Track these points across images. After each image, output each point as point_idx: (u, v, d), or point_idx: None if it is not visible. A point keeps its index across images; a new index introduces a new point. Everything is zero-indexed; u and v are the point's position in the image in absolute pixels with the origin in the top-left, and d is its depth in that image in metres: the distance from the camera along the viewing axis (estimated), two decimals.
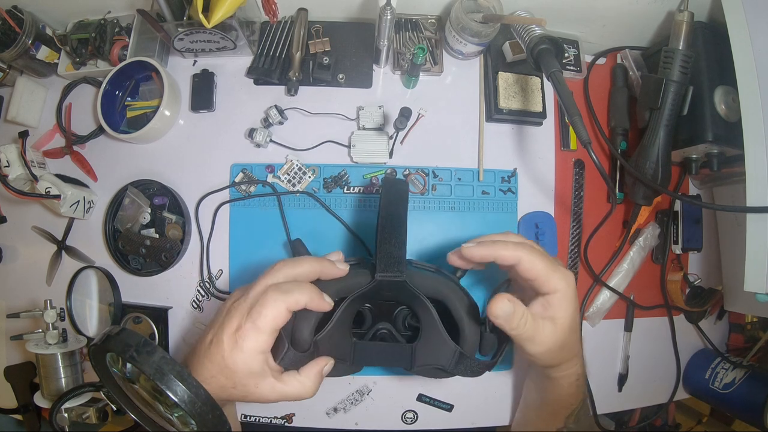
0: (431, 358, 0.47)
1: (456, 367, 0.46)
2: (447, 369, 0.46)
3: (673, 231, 0.72)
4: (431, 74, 0.70)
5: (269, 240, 0.66)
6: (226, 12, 0.57)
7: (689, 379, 0.73)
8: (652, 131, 0.62)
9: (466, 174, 0.68)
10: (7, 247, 0.71)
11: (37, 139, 0.71)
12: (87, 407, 0.60)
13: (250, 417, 0.65)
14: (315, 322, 0.43)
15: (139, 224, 0.67)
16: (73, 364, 0.63)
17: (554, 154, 0.70)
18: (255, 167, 0.67)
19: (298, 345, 0.43)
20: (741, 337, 0.76)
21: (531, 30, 0.56)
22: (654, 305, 0.72)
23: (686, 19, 0.59)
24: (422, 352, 0.48)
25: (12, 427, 0.72)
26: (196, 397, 0.35)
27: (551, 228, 0.68)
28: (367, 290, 0.45)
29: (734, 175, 0.68)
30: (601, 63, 0.74)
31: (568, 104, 0.50)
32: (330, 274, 0.44)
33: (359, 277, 0.46)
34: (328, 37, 0.68)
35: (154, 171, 0.68)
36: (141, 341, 0.36)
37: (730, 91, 0.59)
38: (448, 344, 0.45)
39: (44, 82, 0.73)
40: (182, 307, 0.67)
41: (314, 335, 0.43)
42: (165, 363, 0.35)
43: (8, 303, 0.70)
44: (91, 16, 0.70)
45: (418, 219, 0.67)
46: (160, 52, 0.68)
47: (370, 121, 0.67)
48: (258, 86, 0.69)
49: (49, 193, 0.62)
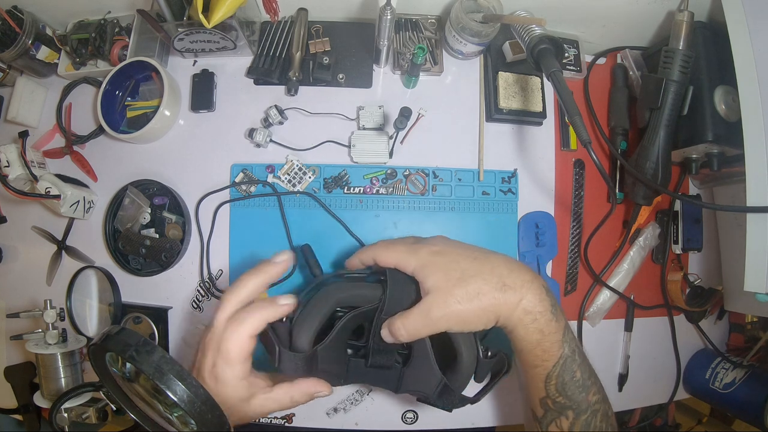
0: (417, 384, 0.47)
1: (438, 399, 0.46)
2: (429, 398, 0.46)
3: (673, 231, 0.72)
4: (431, 74, 0.70)
5: (269, 240, 0.66)
6: (226, 12, 0.57)
7: (689, 379, 0.73)
8: (652, 131, 0.62)
9: (467, 174, 0.68)
10: (7, 247, 0.71)
11: (37, 139, 0.71)
12: (87, 407, 0.60)
13: None
14: (314, 330, 0.44)
15: (139, 224, 0.67)
16: (72, 364, 0.63)
17: (554, 154, 0.70)
18: (255, 167, 0.67)
19: (297, 350, 0.43)
20: (741, 337, 0.76)
21: (531, 30, 0.56)
22: (654, 305, 0.72)
23: (686, 19, 0.59)
24: (410, 377, 0.47)
25: (12, 427, 0.72)
26: (195, 396, 0.35)
27: (551, 228, 0.68)
28: (370, 309, 0.45)
29: (734, 175, 0.68)
30: (601, 63, 0.74)
31: (568, 104, 0.50)
32: (276, 275, 0.46)
33: (369, 290, 0.46)
34: (328, 37, 0.69)
35: (154, 171, 0.68)
36: (141, 341, 0.36)
37: (730, 91, 0.59)
38: (435, 374, 0.45)
39: (44, 82, 0.73)
40: (182, 307, 0.67)
41: (314, 344, 0.44)
42: (164, 362, 0.35)
43: (8, 303, 0.70)
44: (91, 16, 0.70)
45: (419, 220, 0.67)
46: (160, 52, 0.68)
47: (370, 121, 0.67)
48: (258, 86, 0.69)
49: (49, 193, 0.62)
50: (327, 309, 0.45)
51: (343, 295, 0.46)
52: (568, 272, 0.70)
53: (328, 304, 0.45)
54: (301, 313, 0.45)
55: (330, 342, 0.44)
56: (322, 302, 0.46)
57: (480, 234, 0.67)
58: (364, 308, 0.45)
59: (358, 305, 0.46)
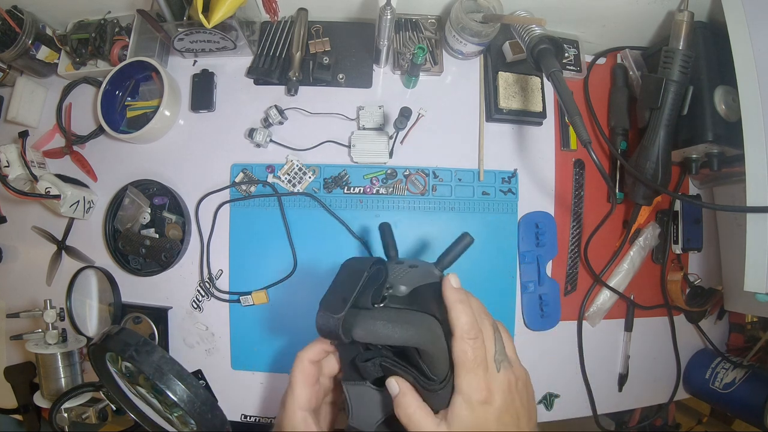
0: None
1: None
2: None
3: (673, 231, 0.72)
4: (431, 74, 0.70)
5: (269, 240, 0.66)
6: (226, 12, 0.57)
7: (689, 379, 0.73)
8: (652, 131, 0.62)
9: (467, 174, 0.68)
10: (7, 247, 0.71)
11: (37, 139, 0.71)
12: (87, 407, 0.60)
13: (250, 417, 0.65)
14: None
15: (139, 224, 0.67)
16: (72, 364, 0.63)
17: (554, 153, 0.70)
18: (255, 167, 0.67)
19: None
20: (741, 337, 0.76)
21: (531, 30, 0.56)
22: (654, 305, 0.72)
23: (686, 19, 0.59)
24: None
25: (12, 427, 0.72)
26: (195, 396, 0.35)
27: (551, 228, 0.68)
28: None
29: (734, 175, 0.68)
30: (601, 63, 0.74)
31: (568, 104, 0.50)
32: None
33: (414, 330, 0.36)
34: (328, 37, 0.69)
35: (154, 171, 0.68)
36: (140, 341, 0.36)
37: (730, 91, 0.59)
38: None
39: (44, 82, 0.73)
40: (182, 307, 0.67)
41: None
42: (164, 362, 0.35)
43: (8, 303, 0.70)
44: (91, 16, 0.70)
45: (418, 220, 0.67)
46: (160, 52, 0.68)
47: (370, 121, 0.67)
48: (258, 86, 0.69)
49: (49, 193, 0.62)
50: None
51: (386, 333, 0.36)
52: (568, 272, 0.70)
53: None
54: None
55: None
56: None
57: (480, 234, 0.67)
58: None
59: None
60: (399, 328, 0.35)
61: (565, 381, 0.70)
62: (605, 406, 0.70)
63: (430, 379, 0.36)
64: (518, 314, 0.68)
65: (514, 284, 0.68)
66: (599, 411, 0.70)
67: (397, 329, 0.35)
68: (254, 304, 0.65)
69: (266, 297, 0.65)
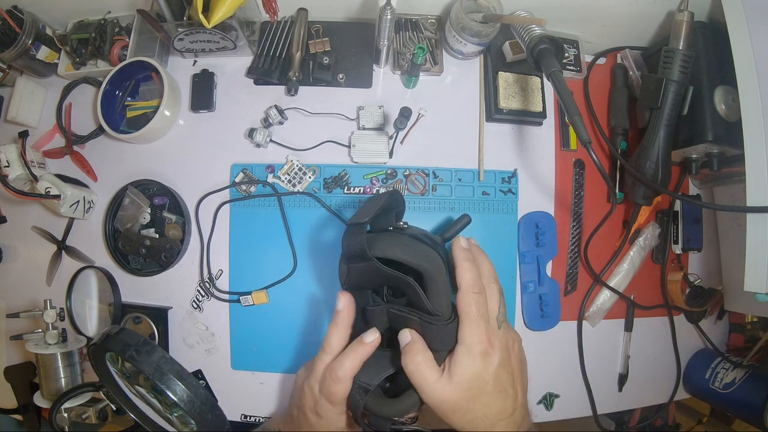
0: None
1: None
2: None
3: (673, 231, 0.72)
4: (431, 74, 0.70)
5: (269, 240, 0.66)
6: (226, 12, 0.57)
7: (689, 379, 0.73)
8: (652, 131, 0.62)
9: (467, 174, 0.68)
10: (7, 247, 0.71)
11: (37, 139, 0.71)
12: (87, 407, 0.60)
13: (250, 417, 0.65)
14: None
15: (139, 224, 0.67)
16: (72, 364, 0.63)
17: (554, 154, 0.70)
18: (255, 167, 0.67)
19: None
20: (741, 336, 0.76)
21: (531, 30, 0.56)
22: (654, 305, 0.72)
23: (686, 19, 0.59)
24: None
25: (12, 427, 0.72)
26: (195, 396, 0.35)
27: (551, 228, 0.68)
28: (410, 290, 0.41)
29: (734, 175, 0.68)
30: (601, 63, 0.74)
31: (568, 104, 0.50)
32: (367, 354, 0.44)
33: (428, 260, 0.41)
34: (328, 37, 0.69)
35: (154, 171, 0.68)
36: (141, 341, 0.36)
37: (730, 91, 0.59)
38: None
39: (44, 82, 0.73)
40: (182, 307, 0.66)
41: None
42: (164, 362, 0.35)
43: (8, 303, 0.70)
44: (91, 16, 0.70)
45: (419, 220, 0.67)
46: (160, 52, 0.68)
47: (370, 121, 0.67)
48: (258, 86, 0.69)
49: (49, 193, 0.62)
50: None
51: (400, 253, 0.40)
52: (568, 272, 0.70)
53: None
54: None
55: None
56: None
57: (480, 235, 0.67)
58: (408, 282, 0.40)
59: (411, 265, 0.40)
60: (411, 250, 0.40)
61: (565, 381, 0.69)
62: (605, 406, 0.70)
63: (434, 315, 0.39)
64: (518, 314, 0.68)
65: (514, 284, 0.68)
66: (599, 411, 0.69)
67: (410, 251, 0.39)
68: (254, 304, 0.65)
69: (266, 297, 0.65)
